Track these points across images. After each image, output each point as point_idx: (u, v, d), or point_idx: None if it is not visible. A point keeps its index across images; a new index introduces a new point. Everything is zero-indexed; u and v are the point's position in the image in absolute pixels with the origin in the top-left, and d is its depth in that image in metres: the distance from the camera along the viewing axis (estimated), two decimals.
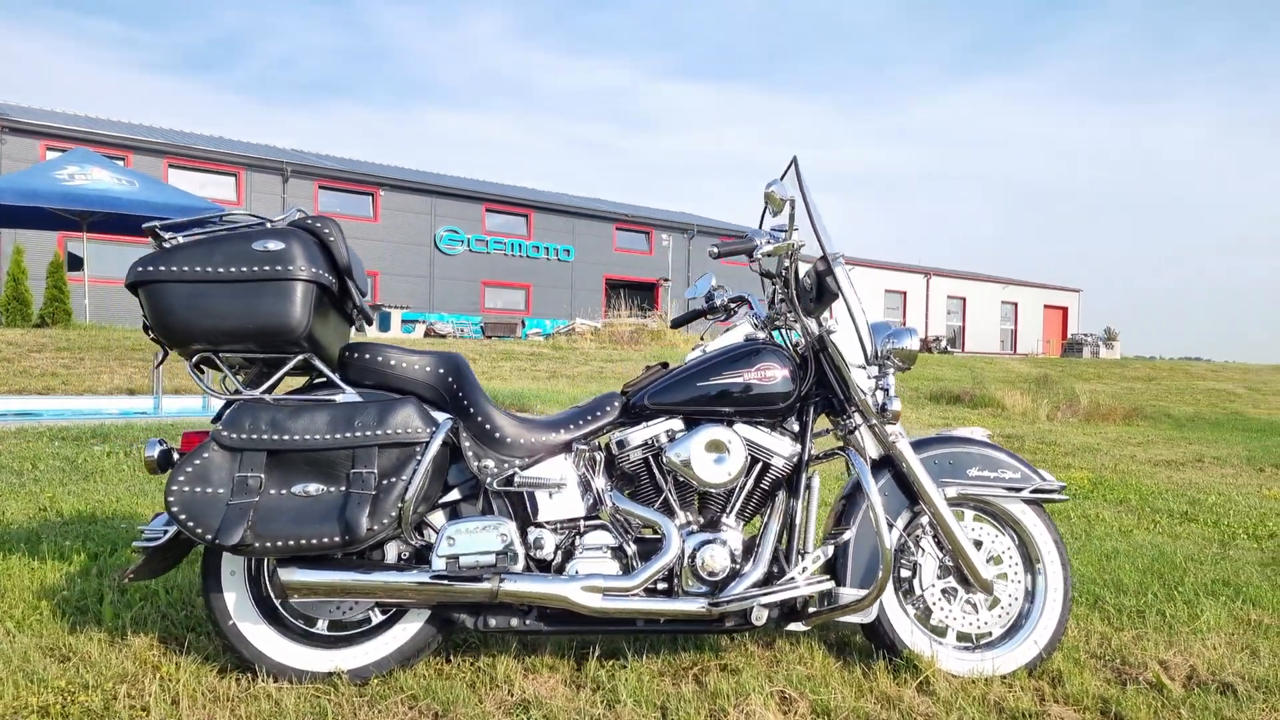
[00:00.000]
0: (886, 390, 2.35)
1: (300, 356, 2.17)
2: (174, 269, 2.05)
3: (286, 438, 2.04)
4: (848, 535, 2.32)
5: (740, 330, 2.51)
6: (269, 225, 2.18)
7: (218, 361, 2.15)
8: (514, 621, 2.22)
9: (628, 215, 31.29)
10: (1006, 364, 21.60)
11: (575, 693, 2.16)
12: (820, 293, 2.42)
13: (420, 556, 2.26)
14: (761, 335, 2.48)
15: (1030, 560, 2.46)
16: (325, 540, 2.00)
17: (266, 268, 2.06)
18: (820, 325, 2.42)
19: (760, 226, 2.80)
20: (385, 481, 2.06)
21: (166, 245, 2.13)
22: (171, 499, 1.98)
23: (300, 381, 2.38)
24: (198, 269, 2.06)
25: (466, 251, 28.53)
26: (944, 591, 2.40)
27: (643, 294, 27.07)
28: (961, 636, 2.42)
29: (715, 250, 2.43)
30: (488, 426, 2.27)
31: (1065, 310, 39.33)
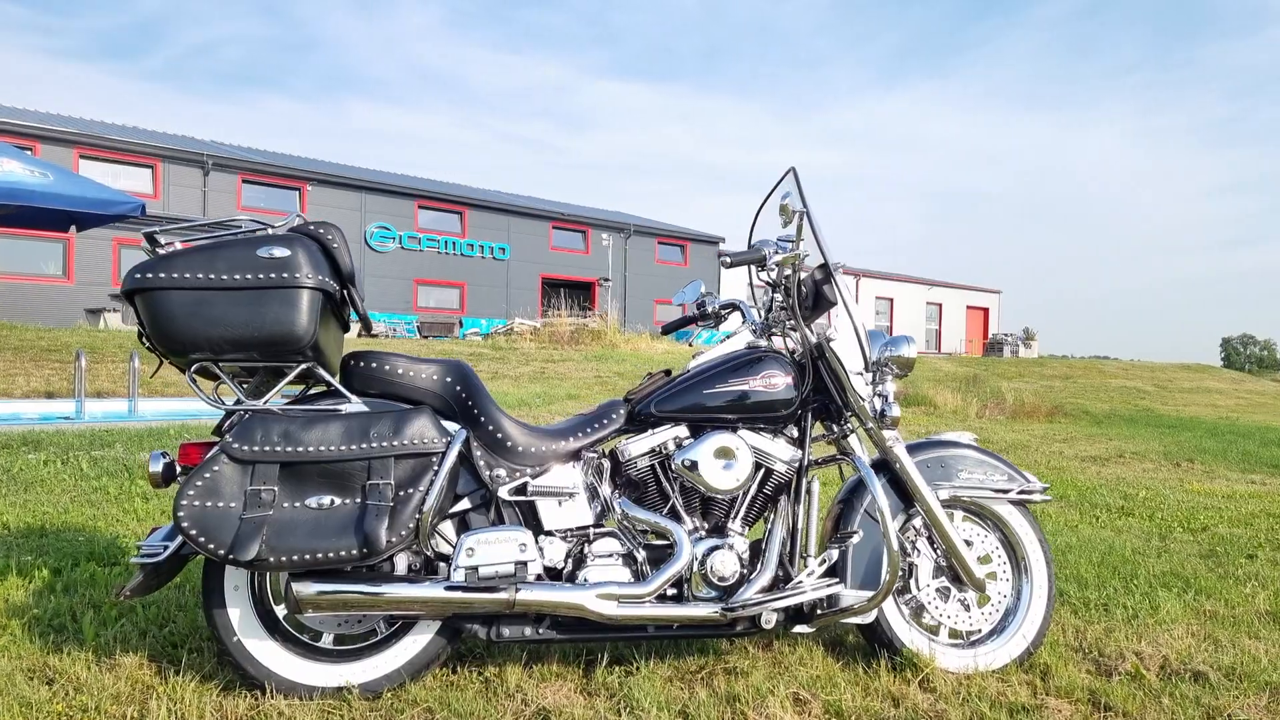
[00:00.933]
0: (885, 396, 2.42)
1: (303, 365, 2.13)
2: (175, 276, 1.99)
3: (301, 449, 2.00)
4: (856, 539, 2.38)
5: (741, 338, 2.55)
6: (269, 231, 2.13)
7: (217, 371, 2.09)
8: (527, 631, 2.21)
9: (564, 214, 31.21)
10: (934, 363, 22.29)
11: (590, 700, 2.17)
12: (816, 301, 2.48)
13: (429, 567, 2.24)
14: (763, 343, 2.53)
15: (1016, 558, 2.56)
16: (343, 554, 1.97)
17: (273, 275, 2.02)
18: (815, 333, 2.48)
19: (750, 236, 2.86)
20: (402, 492, 2.03)
21: (162, 251, 2.07)
22: (181, 514, 1.92)
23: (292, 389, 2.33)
24: (200, 276, 2.00)
25: (399, 249, 28.03)
26: (938, 591, 2.49)
27: (580, 293, 27.01)
28: (953, 634, 2.51)
29: (727, 260, 2.46)
30: (499, 435, 2.26)
31: (986, 311, 40.75)
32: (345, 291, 2.20)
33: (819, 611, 2.32)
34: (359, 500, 2.02)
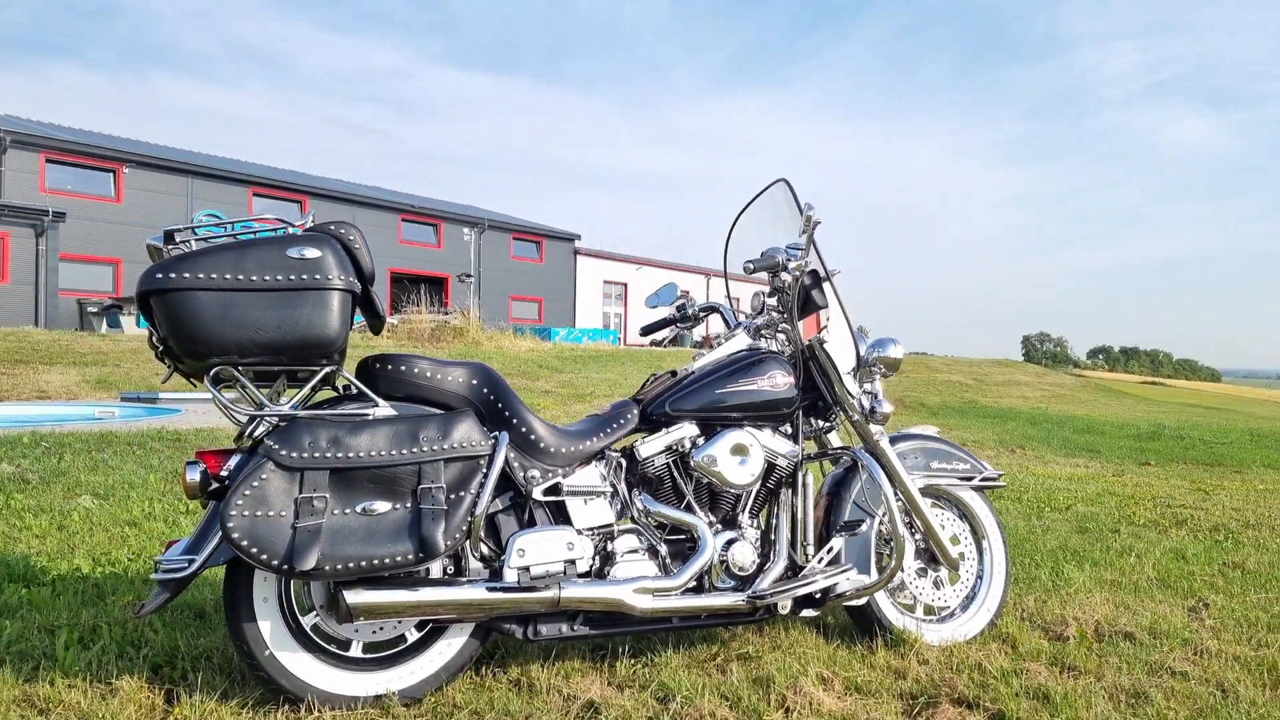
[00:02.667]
0: (874, 394, 2.63)
1: (328, 369, 2.08)
2: (200, 276, 1.90)
3: (351, 455, 1.96)
4: (863, 527, 2.57)
5: (740, 339, 2.68)
6: (290, 230, 2.07)
7: (237, 375, 2.01)
8: (563, 628, 2.26)
9: (414, 206, 30.26)
10: None
11: (625, 692, 2.24)
12: (805, 304, 2.66)
13: (459, 569, 2.22)
14: (764, 345, 2.68)
15: (978, 539, 2.84)
16: (399, 559, 1.95)
17: (304, 276, 1.97)
18: (802, 334, 2.66)
19: (727, 241, 3.02)
20: (453, 495, 2.03)
21: (178, 251, 1.97)
22: (232, 526, 1.84)
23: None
24: (228, 276, 1.92)
25: (230, 239, 26.29)
26: (917, 571, 2.73)
27: (432, 289, 26.24)
28: (928, 610, 2.76)
29: (750, 266, 2.60)
30: (532, 436, 2.28)
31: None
32: (367, 293, 2.16)
33: (834, 595, 2.48)
34: (409, 505, 2.00)
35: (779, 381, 2.54)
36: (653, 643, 2.58)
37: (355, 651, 2.17)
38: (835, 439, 2.78)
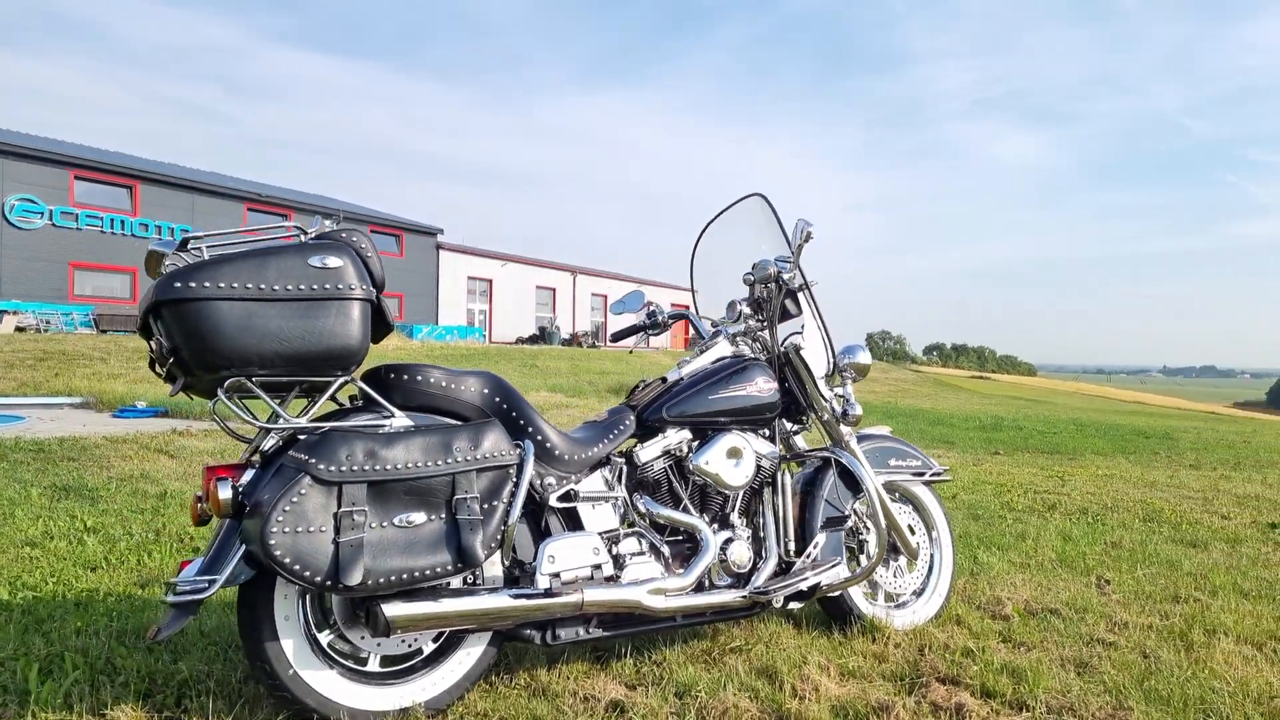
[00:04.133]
0: (846, 398, 2.81)
1: (344, 379, 2.04)
2: (222, 285, 1.83)
3: (389, 467, 1.93)
4: (848, 524, 2.74)
5: (723, 346, 2.80)
6: (305, 238, 2.02)
7: (253, 388, 1.93)
8: (580, 631, 2.29)
9: (261, 195, 28.58)
10: (656, 358, 23.77)
11: (636, 691, 2.30)
12: (782, 313, 2.82)
13: (476, 577, 2.21)
14: (747, 351, 2.80)
15: (928, 529, 3.09)
16: (439, 569, 1.94)
17: (326, 285, 1.93)
18: (777, 341, 2.81)
19: (694, 249, 3.13)
20: (486, 505, 2.03)
21: (192, 258, 1.88)
22: (274, 544, 1.77)
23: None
24: (250, 285, 1.86)
25: (49, 226, 24.03)
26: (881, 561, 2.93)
27: None
28: (888, 597, 2.97)
29: (750, 277, 2.73)
30: (547, 444, 2.30)
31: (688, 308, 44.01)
32: (378, 300, 2.12)
33: (818, 589, 2.64)
34: (444, 515, 1.99)
35: (764, 387, 2.68)
36: (646, 642, 2.65)
37: (373, 666, 2.13)
38: (801, 441, 2.94)
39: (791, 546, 2.71)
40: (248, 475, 1.98)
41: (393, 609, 1.95)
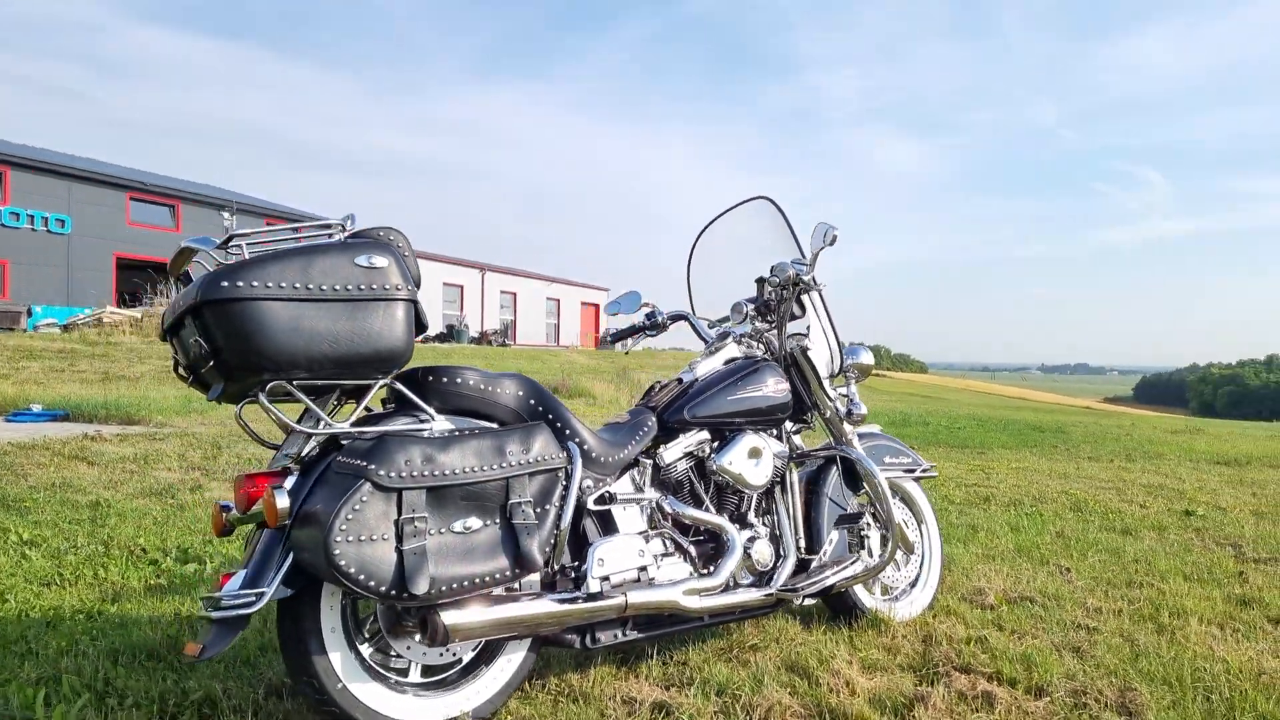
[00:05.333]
0: (850, 398, 2.89)
1: (383, 382, 1.97)
2: (270, 285, 1.75)
3: (447, 472, 1.87)
4: (864, 521, 2.81)
5: (731, 348, 2.82)
6: (343, 236, 1.95)
7: (293, 391, 1.85)
8: (617, 634, 2.28)
9: (145, 184, 26.95)
10: (569, 356, 23.65)
11: (669, 691, 2.30)
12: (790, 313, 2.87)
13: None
14: (759, 352, 2.84)
15: (918, 523, 3.20)
16: (497, 575, 1.90)
17: (373, 286, 1.87)
18: (785, 342, 2.86)
19: (692, 249, 3.16)
20: (539, 509, 2.00)
21: (234, 257, 1.79)
22: (339, 554, 1.69)
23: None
24: (297, 285, 1.78)
25: None
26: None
27: (168, 277, 23.54)
28: (884, 590, 3.07)
29: (776, 279, 2.75)
30: (585, 447, 2.27)
31: (597, 307, 44.00)
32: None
33: (836, 585, 2.69)
34: (499, 520, 1.94)
35: (778, 388, 2.72)
36: (666, 644, 2.65)
37: (414, 676, 2.07)
38: (799, 440, 2.99)
39: (801, 544, 2.76)
40: (290, 482, 1.88)
41: (451, 617, 1.89)
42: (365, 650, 2.01)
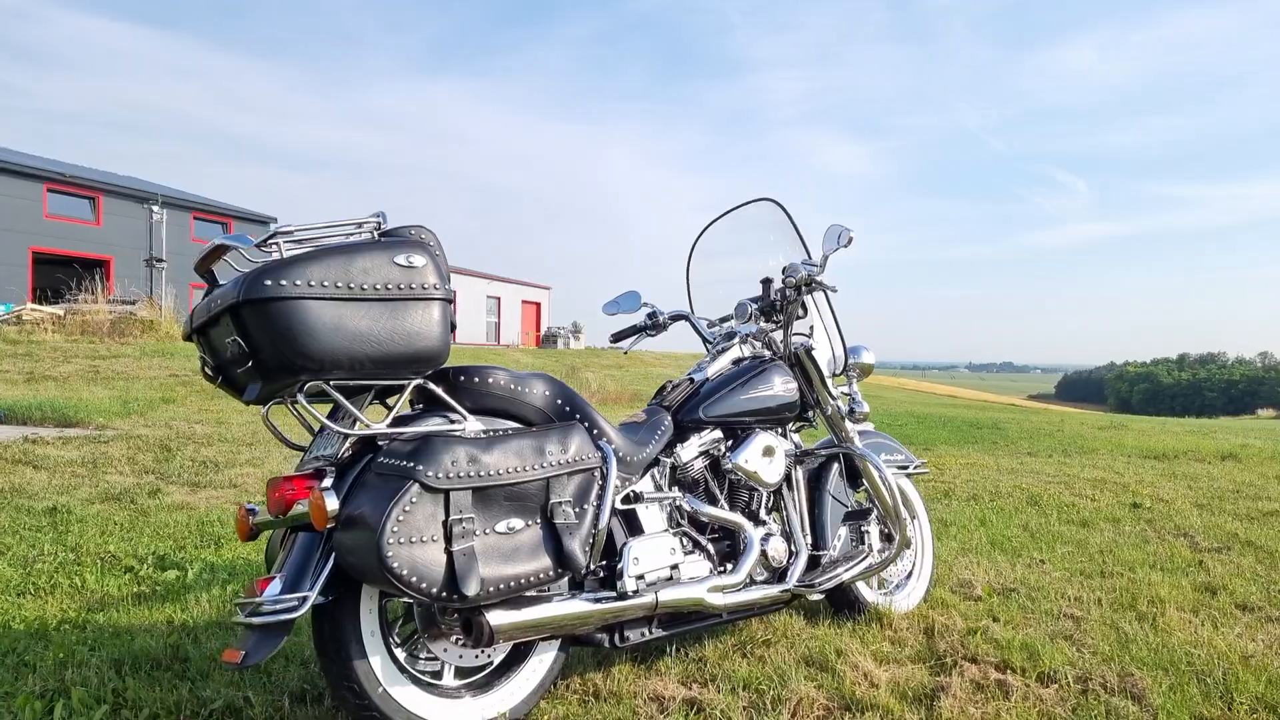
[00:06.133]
0: (853, 396, 2.94)
1: (416, 382, 1.95)
2: (313, 284, 1.72)
3: (493, 473, 1.85)
4: (872, 516, 2.86)
5: (738, 348, 2.85)
6: (377, 234, 1.92)
7: (330, 391, 1.81)
8: (645, 632, 2.28)
9: (64, 175, 25.73)
10: (513, 355, 23.43)
11: (700, 688, 2.32)
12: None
13: None
14: (768, 353, 2.87)
15: (911, 517, 3.28)
16: (541, 575, 1.90)
17: (413, 285, 1.85)
18: (790, 342, 2.90)
19: (691, 251, 3.18)
20: (577, 509, 1.99)
21: (275, 254, 1.75)
22: (391, 556, 1.67)
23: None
24: (339, 284, 1.75)
25: None
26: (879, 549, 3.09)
27: (90, 272, 22.49)
28: (880, 584, 3.13)
29: (791, 280, 2.77)
30: (612, 446, 2.27)
31: (539, 305, 43.60)
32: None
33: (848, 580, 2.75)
34: (539, 520, 1.93)
35: (786, 387, 2.76)
36: (682, 641, 2.66)
37: (448, 679, 2.04)
38: (798, 439, 3.04)
39: (809, 540, 2.80)
40: (327, 483, 1.84)
41: (496, 617, 1.87)
42: (401, 653, 1.97)
